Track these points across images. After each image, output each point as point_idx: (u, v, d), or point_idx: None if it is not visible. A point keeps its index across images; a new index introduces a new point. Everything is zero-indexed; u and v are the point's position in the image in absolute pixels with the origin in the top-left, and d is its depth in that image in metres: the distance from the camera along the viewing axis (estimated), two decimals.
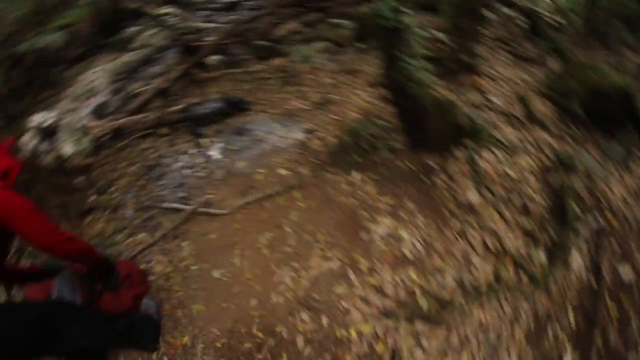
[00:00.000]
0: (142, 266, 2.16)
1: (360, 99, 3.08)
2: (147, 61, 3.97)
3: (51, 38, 4.67)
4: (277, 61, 3.76)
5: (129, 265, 2.08)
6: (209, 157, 2.72)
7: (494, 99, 2.80)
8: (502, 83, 3.02)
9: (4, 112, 4.04)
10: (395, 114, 2.42)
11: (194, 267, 2.11)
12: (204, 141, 2.84)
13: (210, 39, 3.98)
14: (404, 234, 2.07)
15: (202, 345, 1.77)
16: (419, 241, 2.04)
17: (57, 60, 4.74)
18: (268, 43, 3.94)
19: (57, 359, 1.52)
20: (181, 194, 2.51)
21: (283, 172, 2.53)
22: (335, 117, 2.92)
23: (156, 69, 3.86)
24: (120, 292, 1.86)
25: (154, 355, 1.73)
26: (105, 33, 4.94)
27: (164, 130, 2.97)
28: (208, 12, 5.00)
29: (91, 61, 4.49)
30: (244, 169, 2.60)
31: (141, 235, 2.35)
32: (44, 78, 4.55)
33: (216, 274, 2.05)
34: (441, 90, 2.48)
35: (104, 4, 5.11)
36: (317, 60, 3.67)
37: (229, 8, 5.07)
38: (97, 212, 2.58)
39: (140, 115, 3.01)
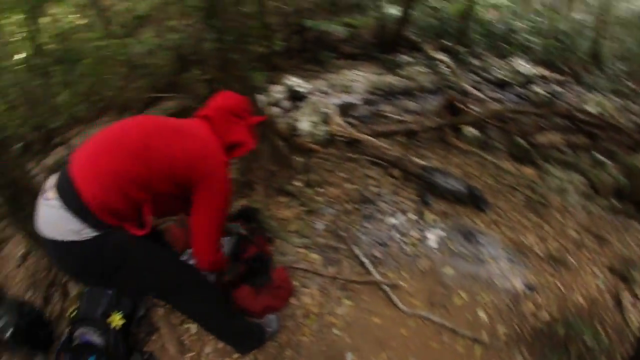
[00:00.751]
0: (293, 282, 1.95)
1: (594, 281, 2.25)
2: (407, 93, 3.90)
3: (335, 28, 5.16)
4: (528, 171, 3.12)
5: (286, 278, 1.91)
6: (424, 237, 2.27)
7: None
8: None
9: (273, 62, 4.69)
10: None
11: (336, 332, 1.79)
12: (427, 215, 2.44)
13: (476, 109, 3.63)
14: None
15: None
16: None
17: (332, 47, 5.26)
18: (526, 145, 3.35)
19: None
20: (377, 254, 2.14)
21: (482, 315, 1.95)
22: (560, 287, 2.17)
23: (412, 105, 3.74)
24: (260, 295, 1.76)
25: (234, 354, 1.66)
26: (381, 48, 5.24)
27: (395, 173, 2.70)
28: (478, 79, 4.73)
29: (359, 64, 4.77)
30: (449, 279, 2.08)
31: (314, 257, 2.11)
32: (314, 54, 5.10)
33: (349, 357, 1.70)
34: None
35: (390, 25, 5.46)
36: (570, 200, 2.87)
37: (499, 85, 4.71)
38: (293, 200, 2.48)
39: (382, 143, 2.83)
